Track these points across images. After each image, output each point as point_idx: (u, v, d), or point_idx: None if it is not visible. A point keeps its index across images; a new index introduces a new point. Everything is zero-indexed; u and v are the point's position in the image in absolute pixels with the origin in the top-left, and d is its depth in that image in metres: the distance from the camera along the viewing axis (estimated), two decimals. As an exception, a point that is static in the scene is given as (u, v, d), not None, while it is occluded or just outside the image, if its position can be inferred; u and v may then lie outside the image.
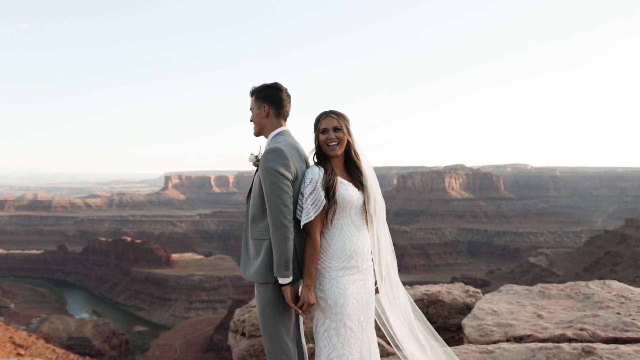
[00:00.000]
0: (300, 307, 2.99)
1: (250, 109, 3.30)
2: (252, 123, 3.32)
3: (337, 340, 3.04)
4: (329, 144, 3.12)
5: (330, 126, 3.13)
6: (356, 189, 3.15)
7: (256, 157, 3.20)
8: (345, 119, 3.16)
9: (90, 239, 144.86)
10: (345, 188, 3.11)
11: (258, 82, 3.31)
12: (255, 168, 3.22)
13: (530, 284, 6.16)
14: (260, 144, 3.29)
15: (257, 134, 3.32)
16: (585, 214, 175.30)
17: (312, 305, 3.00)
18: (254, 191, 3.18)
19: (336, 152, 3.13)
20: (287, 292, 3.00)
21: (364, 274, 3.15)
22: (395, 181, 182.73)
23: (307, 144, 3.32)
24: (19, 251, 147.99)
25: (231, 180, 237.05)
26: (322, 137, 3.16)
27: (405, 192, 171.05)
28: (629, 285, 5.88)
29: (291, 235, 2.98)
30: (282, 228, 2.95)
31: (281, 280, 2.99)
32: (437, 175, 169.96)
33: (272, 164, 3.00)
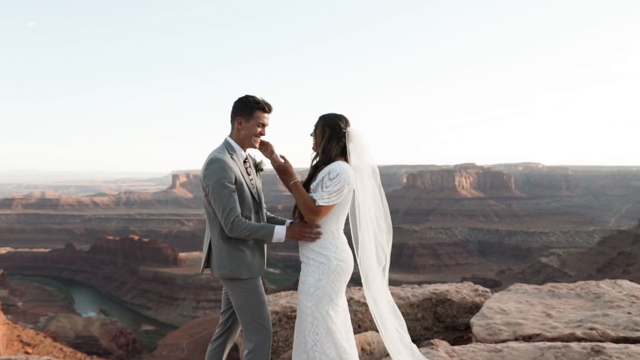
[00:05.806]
0: None
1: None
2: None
3: None
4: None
5: None
6: None
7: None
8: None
9: (98, 237, 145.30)
10: None
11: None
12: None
13: (542, 284, 6.11)
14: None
15: None
16: (598, 213, 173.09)
17: None
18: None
19: None
20: None
21: None
22: (404, 180, 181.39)
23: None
24: (27, 249, 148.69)
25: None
26: None
27: (414, 191, 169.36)
28: (641, 285, 5.83)
29: None
30: None
31: None
32: (447, 174, 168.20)
33: None
